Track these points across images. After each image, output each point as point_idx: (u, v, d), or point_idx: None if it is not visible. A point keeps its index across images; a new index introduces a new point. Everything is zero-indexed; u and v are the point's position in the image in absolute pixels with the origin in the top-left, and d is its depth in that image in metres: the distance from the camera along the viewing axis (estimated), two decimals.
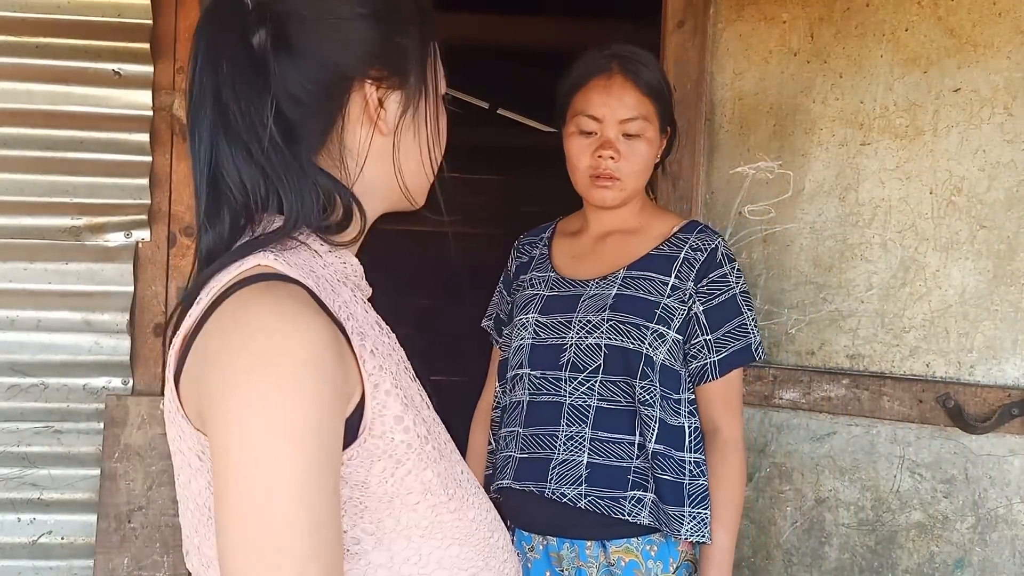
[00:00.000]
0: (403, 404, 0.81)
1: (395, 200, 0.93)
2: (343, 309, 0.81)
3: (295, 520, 0.70)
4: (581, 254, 1.74)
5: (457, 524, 0.86)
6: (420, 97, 0.89)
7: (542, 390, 1.65)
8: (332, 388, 0.74)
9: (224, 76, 0.81)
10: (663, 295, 1.62)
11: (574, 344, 1.62)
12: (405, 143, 0.89)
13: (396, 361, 0.86)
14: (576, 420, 1.60)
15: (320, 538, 0.71)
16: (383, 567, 0.82)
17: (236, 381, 0.72)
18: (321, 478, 0.72)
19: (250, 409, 0.71)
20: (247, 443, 0.71)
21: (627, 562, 1.59)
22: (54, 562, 2.04)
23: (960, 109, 1.79)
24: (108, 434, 2.02)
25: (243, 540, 0.70)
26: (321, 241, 0.86)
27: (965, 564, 1.76)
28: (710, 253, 1.64)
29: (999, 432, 1.73)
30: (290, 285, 0.78)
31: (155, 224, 2.08)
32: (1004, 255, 1.75)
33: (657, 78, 1.66)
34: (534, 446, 1.63)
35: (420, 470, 0.82)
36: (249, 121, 0.81)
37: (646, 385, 1.58)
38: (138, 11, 2.04)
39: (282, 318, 0.74)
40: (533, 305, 1.70)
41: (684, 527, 1.55)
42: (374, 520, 0.81)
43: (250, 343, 0.73)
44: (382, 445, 0.79)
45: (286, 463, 0.71)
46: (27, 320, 2.04)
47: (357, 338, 0.80)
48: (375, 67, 0.86)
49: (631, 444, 1.59)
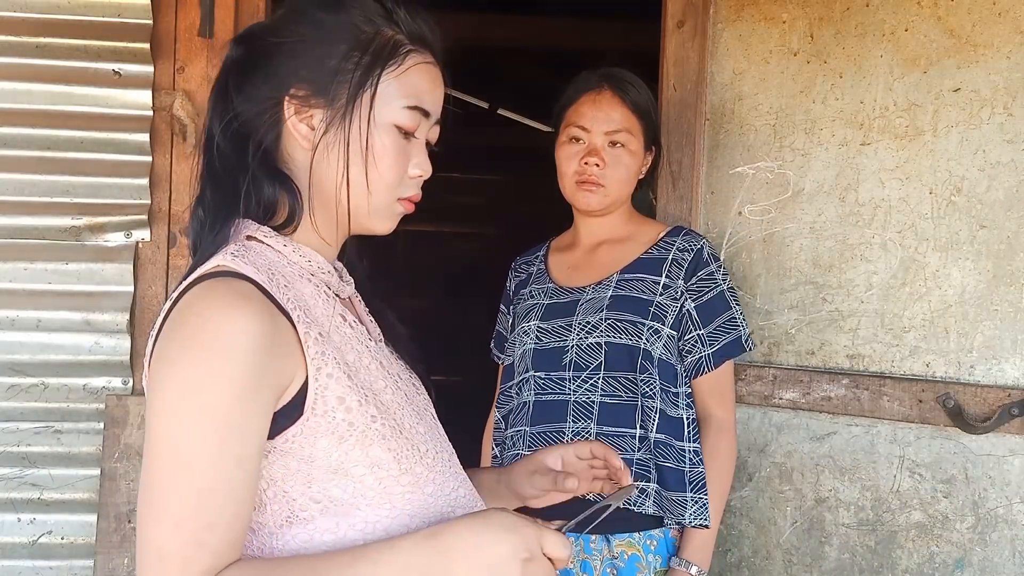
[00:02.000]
0: (347, 387, 0.91)
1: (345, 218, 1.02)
2: (296, 301, 0.92)
3: (178, 484, 0.82)
4: (576, 264, 1.85)
5: (409, 497, 0.94)
6: (347, 120, 0.96)
7: (547, 390, 1.73)
8: (253, 371, 0.84)
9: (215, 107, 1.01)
10: (656, 293, 1.72)
11: (575, 345, 1.71)
12: (328, 161, 0.97)
13: (356, 349, 0.97)
14: (582, 416, 1.68)
15: (204, 502, 0.82)
16: (329, 532, 0.91)
17: (167, 359, 0.86)
18: (219, 449, 0.83)
19: (169, 383, 0.84)
20: (161, 412, 0.84)
21: (630, 555, 1.66)
22: (54, 562, 2.04)
23: (960, 109, 1.79)
24: (108, 434, 2.02)
25: (144, 493, 0.84)
26: (284, 242, 0.98)
27: (965, 564, 1.76)
28: (696, 253, 1.75)
29: (999, 432, 1.73)
30: (237, 280, 0.89)
31: (155, 224, 2.08)
32: (1004, 255, 1.75)
33: (644, 99, 1.80)
34: (542, 443, 1.71)
35: (365, 446, 0.91)
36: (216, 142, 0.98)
37: (646, 378, 1.67)
38: (138, 11, 2.04)
39: (218, 307, 0.85)
40: (534, 313, 1.81)
41: (688, 512, 1.64)
42: (321, 490, 0.91)
43: (185, 328, 0.86)
44: (324, 423, 0.89)
45: (185, 433, 0.82)
46: (27, 320, 2.04)
47: (303, 326, 0.90)
48: (296, 85, 0.97)
49: (633, 437, 1.67)
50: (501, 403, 1.87)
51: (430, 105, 1.01)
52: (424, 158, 1.02)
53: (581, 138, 1.76)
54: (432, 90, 1.01)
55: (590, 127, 1.76)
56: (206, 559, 0.83)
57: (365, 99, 0.96)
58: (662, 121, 2.04)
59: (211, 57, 2.08)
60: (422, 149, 1.02)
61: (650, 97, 1.82)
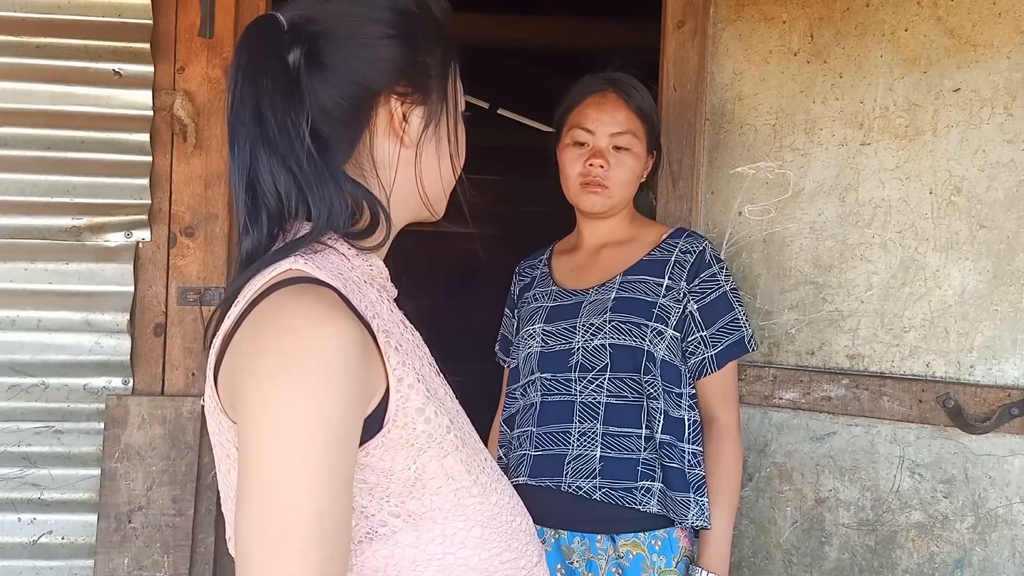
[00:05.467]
0: (425, 396, 0.87)
1: (416, 210, 1.00)
2: (369, 309, 0.87)
3: (300, 508, 0.76)
4: (579, 267, 1.86)
5: (480, 507, 0.92)
6: (441, 112, 0.96)
7: (554, 391, 1.74)
8: (352, 387, 0.79)
9: (263, 91, 0.87)
10: (659, 295, 1.72)
11: (581, 347, 1.72)
12: (427, 155, 0.96)
13: (419, 356, 0.93)
14: (588, 416, 1.69)
15: (324, 526, 0.77)
16: (410, 546, 0.88)
17: (264, 376, 0.78)
18: (331, 470, 0.77)
19: (274, 403, 0.77)
20: (267, 434, 0.77)
21: (635, 555, 1.66)
22: (54, 562, 2.04)
23: (960, 109, 1.79)
24: (108, 434, 2.02)
25: (253, 522, 0.76)
26: (349, 245, 0.91)
27: (965, 564, 1.76)
28: (699, 255, 1.75)
29: (999, 432, 1.73)
30: (320, 288, 0.84)
31: (155, 224, 2.08)
32: (1004, 255, 1.75)
33: (648, 102, 1.81)
34: (548, 443, 1.71)
35: (441, 457, 0.88)
36: (285, 133, 0.87)
37: (650, 379, 1.67)
38: (138, 11, 2.04)
39: (310, 320, 0.80)
40: (538, 316, 1.81)
41: (690, 512, 1.65)
42: (400, 504, 0.87)
43: (279, 342, 0.79)
44: (404, 435, 0.85)
45: (299, 455, 0.76)
46: (28, 320, 2.04)
47: (383, 336, 0.86)
48: (400, 83, 0.92)
49: (639, 437, 1.67)
50: (507, 405, 1.87)
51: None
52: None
53: (586, 141, 1.77)
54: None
55: (595, 129, 1.76)
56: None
57: (450, 91, 0.97)
58: (662, 121, 2.04)
59: (211, 57, 2.08)
60: None
61: (652, 102, 1.83)
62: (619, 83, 1.79)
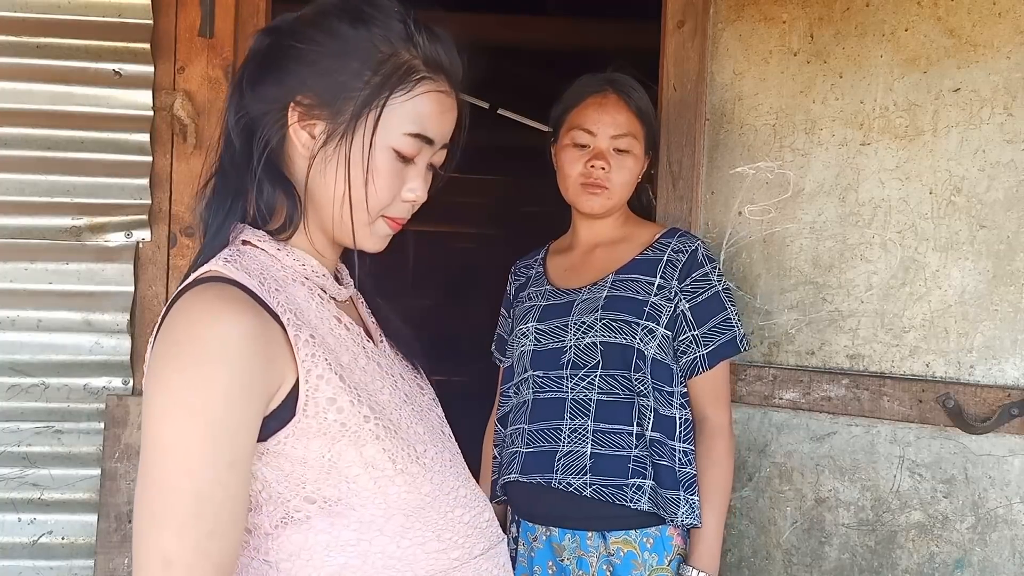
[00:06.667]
0: (338, 388, 0.92)
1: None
2: (286, 304, 0.93)
3: (178, 487, 0.83)
4: (572, 266, 1.86)
5: (405, 497, 0.95)
6: (348, 136, 0.96)
7: (545, 388, 1.74)
8: (242, 375, 0.85)
9: (229, 102, 1.01)
10: (650, 294, 1.72)
11: (573, 345, 1.72)
12: (325, 173, 0.98)
13: (349, 350, 0.98)
14: (579, 413, 1.69)
15: (202, 506, 0.83)
16: (324, 532, 0.93)
17: (156, 367, 0.87)
18: (212, 453, 0.84)
19: (159, 389, 0.86)
20: (152, 418, 0.85)
21: (625, 552, 1.67)
22: (54, 562, 2.04)
23: (960, 109, 1.79)
24: (109, 434, 2.02)
25: (141, 501, 0.85)
26: (278, 246, 0.99)
27: (965, 564, 1.76)
28: (691, 254, 1.75)
29: (999, 432, 1.73)
30: (222, 284, 0.91)
31: (155, 224, 2.08)
32: (1004, 255, 1.75)
33: (646, 104, 1.81)
34: (540, 440, 1.72)
35: (359, 446, 0.92)
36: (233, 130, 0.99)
37: (640, 377, 1.68)
38: (138, 11, 2.04)
39: (202, 314, 0.87)
40: (531, 315, 1.82)
41: (680, 510, 1.65)
42: (316, 490, 0.92)
43: (173, 336, 0.87)
44: (315, 424, 0.90)
45: (177, 437, 0.84)
46: (27, 320, 2.04)
47: (293, 329, 0.91)
48: (302, 93, 0.97)
49: (630, 434, 1.68)
50: (501, 404, 1.88)
51: (434, 133, 1.00)
52: (419, 183, 1.02)
53: (587, 143, 1.77)
54: (440, 118, 1.00)
55: (596, 131, 1.76)
56: (208, 571, 0.84)
57: (369, 119, 0.96)
58: (662, 121, 2.04)
59: (211, 57, 2.08)
60: (420, 174, 1.02)
61: (650, 104, 1.83)
62: (619, 84, 1.79)
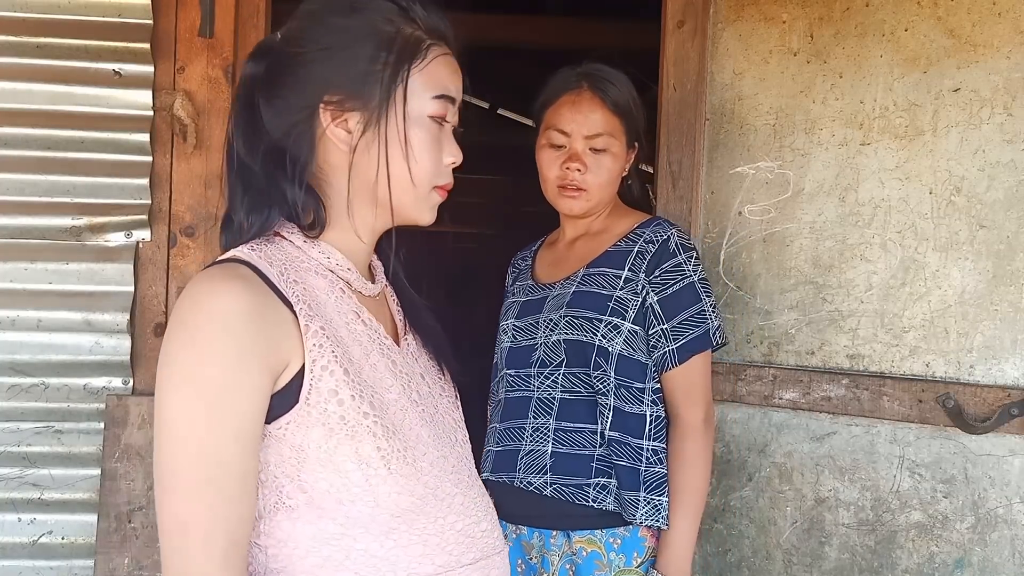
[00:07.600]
0: (342, 381, 0.94)
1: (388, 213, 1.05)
2: (303, 293, 0.96)
3: (184, 450, 0.86)
4: (556, 260, 1.84)
5: (396, 498, 0.96)
6: (383, 118, 0.99)
7: (516, 387, 1.73)
8: (242, 345, 0.87)
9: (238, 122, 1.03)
10: (616, 288, 1.68)
11: (542, 343, 1.71)
12: (368, 159, 1.00)
13: (362, 346, 0.99)
14: (542, 412, 1.68)
15: (209, 468, 0.86)
16: (310, 523, 0.94)
17: (167, 339, 0.90)
18: (216, 418, 0.86)
19: (165, 359, 0.89)
20: (162, 386, 0.88)
21: (588, 552, 1.65)
22: (54, 562, 2.04)
23: (960, 109, 1.79)
24: (108, 434, 2.02)
25: (157, 469, 0.88)
26: (305, 238, 1.02)
27: (965, 564, 1.76)
28: (662, 244, 1.69)
29: (999, 432, 1.73)
30: (232, 264, 0.94)
31: (155, 224, 2.08)
32: (1004, 255, 1.75)
33: (625, 96, 1.74)
34: (507, 439, 1.72)
35: (355, 442, 0.93)
36: (248, 154, 1.01)
37: (600, 375, 1.64)
38: (138, 11, 2.04)
39: (208, 289, 0.90)
40: (511, 312, 1.81)
41: (639, 511, 1.61)
42: (309, 480, 0.94)
43: (179, 311, 0.90)
44: (315, 414, 0.92)
45: (182, 402, 0.87)
46: (27, 320, 2.04)
47: (304, 317, 0.93)
48: (330, 92, 0.99)
49: (593, 432, 1.65)
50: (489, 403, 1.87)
51: (454, 92, 1.05)
52: (455, 145, 1.06)
53: (562, 143, 1.72)
54: (453, 76, 1.05)
55: (570, 132, 1.71)
56: (221, 537, 0.86)
57: (398, 96, 0.99)
58: (662, 121, 2.04)
59: (211, 57, 2.08)
60: (451, 136, 1.06)
61: (632, 93, 1.75)
62: (594, 79, 1.72)
